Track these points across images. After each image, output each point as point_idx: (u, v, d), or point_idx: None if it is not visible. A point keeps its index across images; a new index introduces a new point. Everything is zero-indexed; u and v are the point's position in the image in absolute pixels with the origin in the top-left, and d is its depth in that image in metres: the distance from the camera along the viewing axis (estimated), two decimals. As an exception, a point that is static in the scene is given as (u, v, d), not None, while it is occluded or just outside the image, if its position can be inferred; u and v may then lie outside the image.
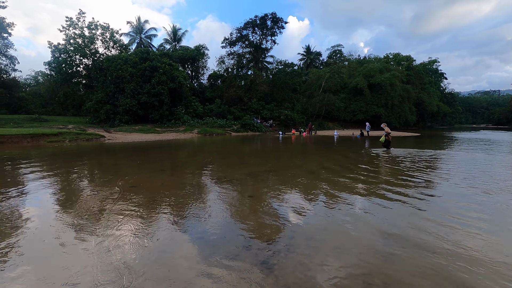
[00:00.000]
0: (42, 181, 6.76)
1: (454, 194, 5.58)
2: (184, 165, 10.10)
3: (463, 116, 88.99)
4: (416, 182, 6.61)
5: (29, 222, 4.08)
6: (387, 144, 13.28)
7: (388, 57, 57.78)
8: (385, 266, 2.83)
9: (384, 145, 13.37)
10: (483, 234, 3.59)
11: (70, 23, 31.32)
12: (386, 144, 13.28)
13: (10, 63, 33.26)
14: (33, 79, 46.12)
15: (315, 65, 61.30)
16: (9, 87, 26.78)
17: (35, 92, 40.59)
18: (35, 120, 26.20)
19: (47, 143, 17.10)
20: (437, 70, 66.67)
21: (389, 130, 13.32)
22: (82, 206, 4.84)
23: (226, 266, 2.85)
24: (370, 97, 43.07)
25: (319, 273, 2.71)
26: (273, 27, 41.74)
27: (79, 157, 11.95)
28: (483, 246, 3.28)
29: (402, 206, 4.81)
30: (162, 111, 30.02)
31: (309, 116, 41.28)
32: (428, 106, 53.18)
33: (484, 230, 3.72)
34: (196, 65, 42.08)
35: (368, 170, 8.23)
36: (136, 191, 5.81)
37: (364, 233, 3.69)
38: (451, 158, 10.99)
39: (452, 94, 75.66)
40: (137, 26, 46.07)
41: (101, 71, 31.13)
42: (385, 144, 13.33)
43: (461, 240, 3.43)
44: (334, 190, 5.88)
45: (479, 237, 3.51)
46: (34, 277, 2.66)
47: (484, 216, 4.26)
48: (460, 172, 7.91)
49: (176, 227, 3.90)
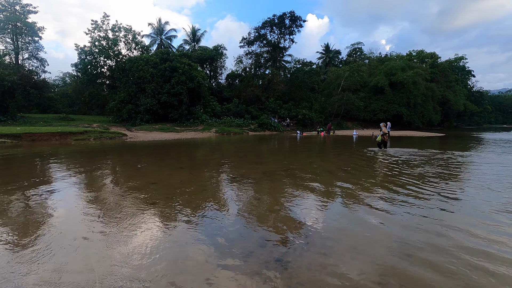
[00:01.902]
0: (72, 177, 7.13)
1: (477, 199, 5.31)
2: (202, 163, 10.28)
3: (492, 116, 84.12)
4: (437, 185, 6.35)
5: (58, 213, 4.33)
6: (382, 143, 13.23)
7: (411, 54, 55.78)
8: (401, 268, 2.76)
9: (380, 144, 13.32)
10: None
11: (95, 26, 32.67)
12: (382, 143, 13.23)
13: (41, 65, 35.25)
14: (61, 80, 48.54)
15: (334, 64, 60.24)
16: (39, 88, 28.32)
17: (63, 93, 42.71)
18: (63, 119, 27.60)
19: (73, 141, 17.97)
20: (464, 67, 63.57)
21: (386, 131, 13.31)
22: (104, 201, 5.06)
23: (241, 262, 2.89)
24: (391, 96, 41.80)
25: (333, 272, 2.69)
26: (291, 26, 41.46)
27: (103, 154, 12.47)
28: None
29: (422, 208, 4.64)
30: (181, 110, 30.65)
31: (327, 116, 40.68)
32: (454, 105, 50.86)
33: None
34: (215, 65, 42.60)
35: (388, 170, 8.01)
36: (156, 187, 5.99)
37: (381, 234, 3.61)
38: (478, 161, 10.44)
39: (480, 92, 71.93)
40: (157, 28, 47.30)
41: (124, 71, 32.26)
42: (380, 144, 13.28)
43: (488, 244, 3.27)
44: (351, 190, 5.77)
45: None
46: (60, 262, 2.82)
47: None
48: (490, 176, 7.51)
49: (193, 224, 3.99)
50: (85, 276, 2.61)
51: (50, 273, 2.65)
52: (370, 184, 6.41)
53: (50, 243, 3.30)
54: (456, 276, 2.61)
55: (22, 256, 2.99)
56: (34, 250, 3.12)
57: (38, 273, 2.65)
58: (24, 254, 3.03)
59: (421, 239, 3.42)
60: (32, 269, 2.72)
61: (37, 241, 3.38)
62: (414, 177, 7.00)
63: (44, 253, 3.05)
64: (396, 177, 7.06)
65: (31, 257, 2.96)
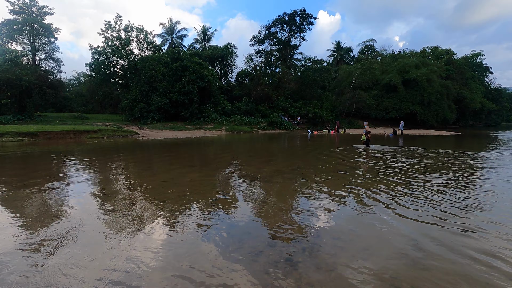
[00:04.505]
0: (84, 174, 7.31)
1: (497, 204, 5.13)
2: (213, 161, 10.34)
3: (511, 114, 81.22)
4: (450, 184, 6.18)
5: (72, 209, 4.44)
6: (367, 142, 13.97)
7: (426, 51, 54.34)
8: (414, 270, 2.69)
9: (365, 143, 14.05)
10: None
11: (108, 26, 33.29)
12: (366, 142, 13.98)
13: (56, 65, 36.17)
14: (76, 80, 49.75)
15: (345, 61, 59.40)
16: (55, 87, 29.12)
17: (78, 92, 43.82)
18: (77, 118, 28.31)
19: (87, 139, 18.42)
20: (481, 63, 61.47)
21: (369, 129, 14.10)
22: (117, 197, 5.16)
23: (251, 261, 2.89)
24: (404, 93, 40.87)
25: (344, 273, 2.66)
26: (302, 23, 41.12)
27: (116, 153, 12.71)
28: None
29: (436, 209, 4.52)
30: (192, 109, 30.91)
31: (338, 114, 40.18)
32: (470, 103, 49.23)
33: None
34: (225, 63, 42.73)
35: (401, 169, 7.84)
36: (167, 185, 6.06)
37: (394, 235, 3.54)
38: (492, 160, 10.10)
39: (498, 89, 69.38)
40: (169, 27, 47.76)
41: (136, 71, 32.78)
42: (365, 143, 14.02)
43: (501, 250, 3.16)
44: (362, 190, 5.68)
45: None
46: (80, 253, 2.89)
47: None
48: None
49: (203, 222, 4.01)
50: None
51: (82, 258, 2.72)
52: (376, 182, 6.29)
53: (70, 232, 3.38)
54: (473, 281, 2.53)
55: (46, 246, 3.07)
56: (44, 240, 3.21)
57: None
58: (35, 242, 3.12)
59: (439, 241, 3.33)
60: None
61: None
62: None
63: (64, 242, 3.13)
64: (410, 177, 6.90)
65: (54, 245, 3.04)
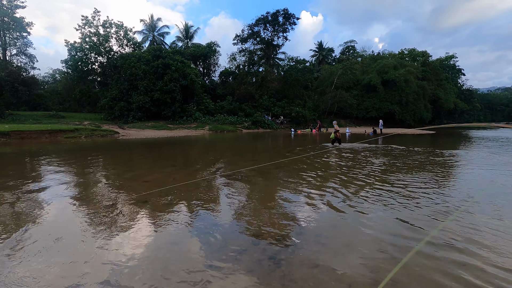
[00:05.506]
0: (60, 175, 7.01)
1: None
2: (196, 161, 10.23)
3: (481, 114, 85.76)
4: (425, 180, 6.46)
5: (48, 212, 4.25)
6: (336, 140, 14.74)
7: (403, 52, 56.40)
8: (395, 265, 2.79)
9: (333, 141, 14.79)
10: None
11: (86, 21, 32.09)
12: (335, 140, 14.75)
13: (29, 61, 34.54)
14: (51, 77, 47.61)
15: (327, 62, 60.52)
16: (28, 84, 27.79)
17: (53, 90, 41.90)
18: (53, 116, 27.11)
19: (64, 138, 17.67)
20: (454, 65, 64.65)
21: (338, 128, 14.83)
22: (96, 199, 5.00)
23: (234, 260, 2.89)
24: (383, 94, 42.24)
25: (326, 270, 2.71)
26: (284, 23, 41.49)
27: (94, 152, 12.29)
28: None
29: (417, 204, 4.72)
30: (174, 108, 30.42)
31: (321, 113, 40.90)
32: (445, 103, 51.71)
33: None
34: (208, 62, 42.41)
35: (382, 165, 8.10)
36: (148, 185, 5.94)
37: (375, 232, 3.65)
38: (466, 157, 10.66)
39: (470, 90, 73.15)
40: (150, 24, 46.74)
41: (115, 68, 31.82)
42: (334, 140, 14.77)
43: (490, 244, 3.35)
44: (343, 187, 5.82)
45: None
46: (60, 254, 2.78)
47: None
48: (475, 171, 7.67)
49: (185, 221, 3.97)
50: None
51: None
52: (363, 178, 6.47)
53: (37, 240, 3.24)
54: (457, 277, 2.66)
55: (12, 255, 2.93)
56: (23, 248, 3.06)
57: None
58: (15, 252, 2.97)
59: (420, 236, 3.48)
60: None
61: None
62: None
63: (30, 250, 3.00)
64: (390, 172, 7.15)
65: (20, 256, 2.90)
